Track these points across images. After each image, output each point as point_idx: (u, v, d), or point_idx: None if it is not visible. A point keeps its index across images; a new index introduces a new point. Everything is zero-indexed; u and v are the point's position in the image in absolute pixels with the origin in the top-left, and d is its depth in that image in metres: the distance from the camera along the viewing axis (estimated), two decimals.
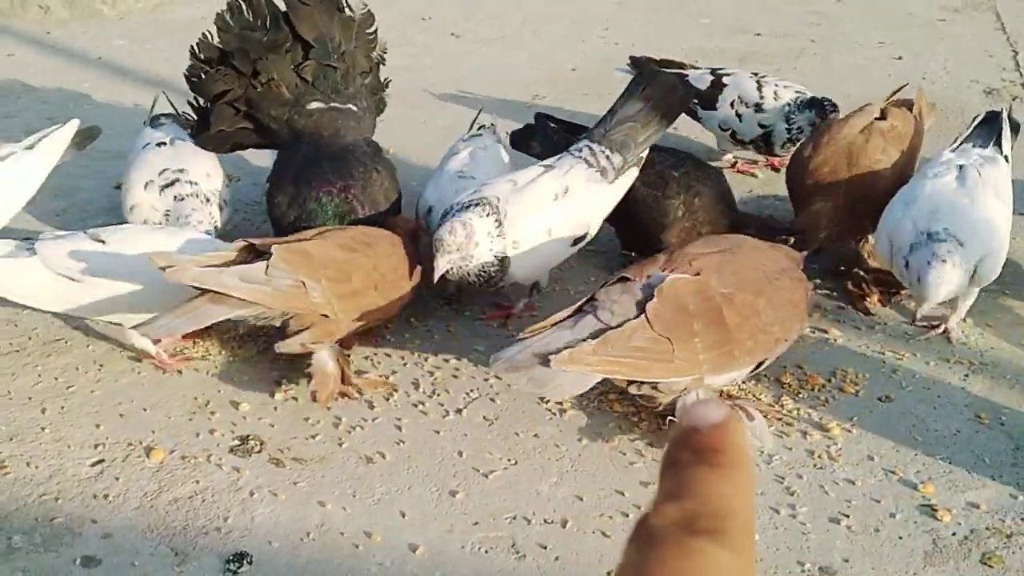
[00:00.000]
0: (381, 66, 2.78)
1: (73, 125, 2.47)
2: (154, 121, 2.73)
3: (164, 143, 2.56)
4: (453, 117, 3.45)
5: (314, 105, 2.58)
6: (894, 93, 2.70)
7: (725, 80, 2.92)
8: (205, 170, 2.50)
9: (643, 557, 0.38)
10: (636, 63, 3.09)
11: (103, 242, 2.06)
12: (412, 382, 2.12)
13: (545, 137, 2.63)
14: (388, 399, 2.07)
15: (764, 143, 2.87)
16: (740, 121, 2.87)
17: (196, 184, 2.44)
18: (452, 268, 2.11)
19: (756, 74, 2.95)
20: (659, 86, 2.37)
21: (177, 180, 2.43)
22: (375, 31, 2.72)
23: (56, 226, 2.77)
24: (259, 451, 1.94)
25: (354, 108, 2.61)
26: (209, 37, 2.60)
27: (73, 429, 1.99)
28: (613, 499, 1.80)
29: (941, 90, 3.62)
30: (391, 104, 2.87)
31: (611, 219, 2.39)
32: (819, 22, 4.49)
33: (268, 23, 2.59)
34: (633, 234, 2.52)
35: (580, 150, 2.30)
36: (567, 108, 3.50)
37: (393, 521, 1.76)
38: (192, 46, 2.60)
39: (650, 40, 4.20)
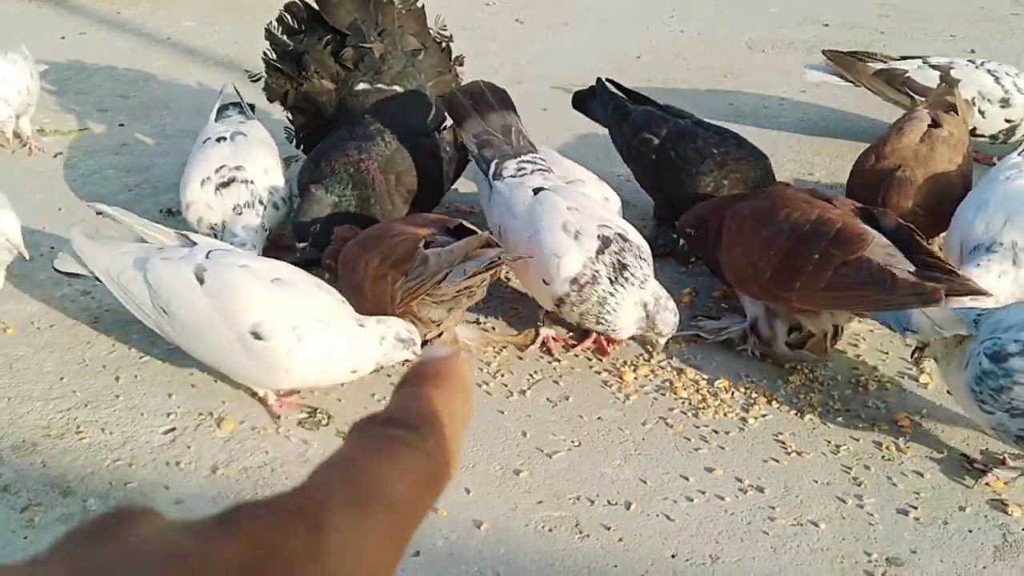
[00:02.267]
0: (448, 43, 2.81)
1: None
2: (220, 112, 2.72)
3: (224, 138, 2.51)
4: (517, 102, 3.45)
5: (360, 86, 2.68)
6: (934, 95, 2.69)
7: (955, 74, 2.88)
8: (264, 166, 2.45)
9: (346, 442, 0.45)
10: (836, 58, 3.03)
11: (201, 281, 1.94)
12: (476, 362, 2.14)
13: (603, 102, 2.67)
14: None
15: (1005, 137, 2.86)
16: (983, 118, 2.85)
17: (253, 183, 2.39)
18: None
19: (973, 62, 2.92)
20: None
21: (234, 178, 2.39)
22: (422, 7, 2.76)
23: (128, 201, 2.83)
24: (326, 424, 1.97)
25: (399, 89, 2.67)
26: (276, 29, 2.76)
27: (146, 398, 2.04)
28: (677, 483, 1.80)
29: None
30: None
31: (649, 188, 2.46)
32: (888, 13, 4.41)
33: (307, 24, 2.73)
34: (662, 204, 2.54)
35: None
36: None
37: (458, 497, 1.78)
38: (262, 58, 2.77)
39: (716, 29, 4.16)
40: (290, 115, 2.80)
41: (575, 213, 2.06)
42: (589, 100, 2.76)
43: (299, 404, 2.01)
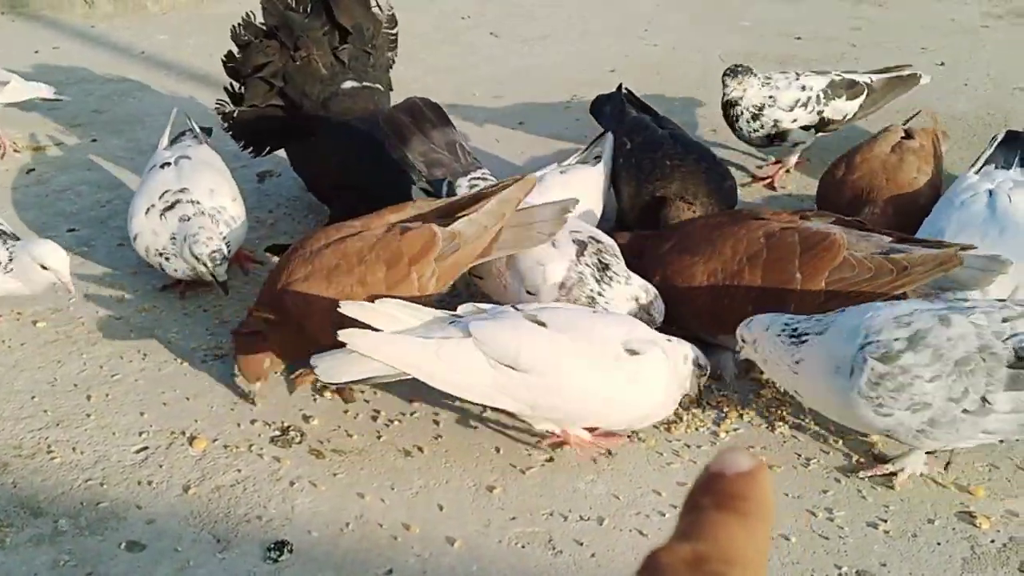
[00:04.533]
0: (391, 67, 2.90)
1: None
2: (174, 140, 2.67)
3: (168, 163, 2.46)
4: (493, 116, 3.47)
5: (348, 84, 2.71)
6: (909, 119, 2.75)
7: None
8: (208, 186, 2.39)
9: None
10: None
11: (543, 324, 1.79)
12: None
13: (612, 108, 2.77)
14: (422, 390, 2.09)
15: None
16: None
17: (198, 203, 2.33)
18: None
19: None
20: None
21: (178, 201, 2.33)
22: (396, 34, 2.86)
23: (100, 217, 2.82)
24: (299, 442, 1.97)
25: (380, 87, 2.77)
26: (252, 17, 2.73)
27: (118, 416, 2.03)
28: (650, 498, 1.81)
29: (984, 97, 3.58)
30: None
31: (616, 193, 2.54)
32: (861, 27, 4.45)
33: (309, 9, 2.76)
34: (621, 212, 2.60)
35: None
36: None
37: (431, 514, 1.78)
38: (235, 24, 2.73)
39: (690, 43, 4.19)
40: (244, 85, 2.72)
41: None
42: (604, 105, 2.83)
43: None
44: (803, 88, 2.85)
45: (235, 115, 2.72)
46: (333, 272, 1.97)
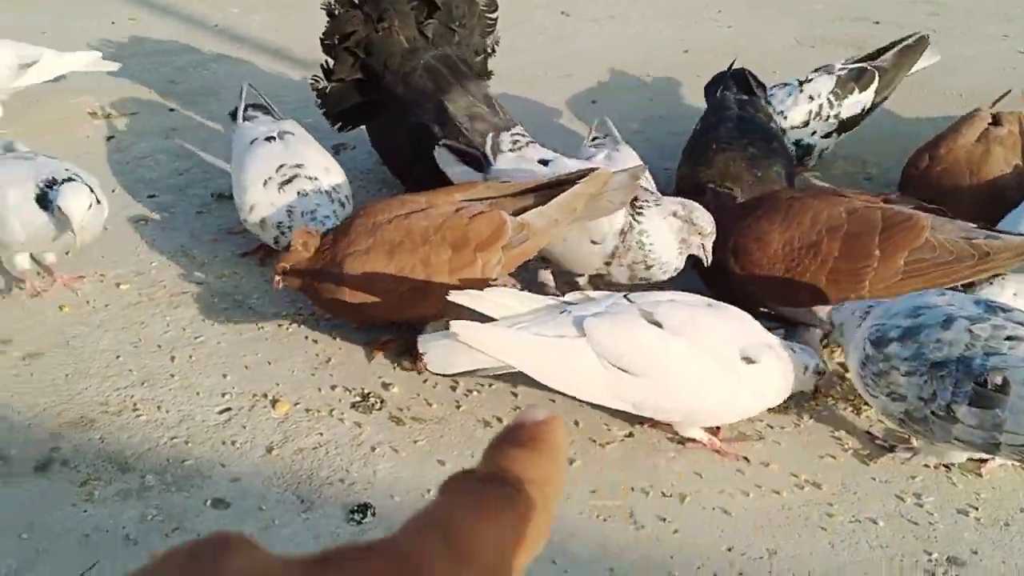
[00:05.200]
0: (491, 55, 2.84)
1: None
2: (245, 113, 2.65)
3: (273, 138, 2.45)
4: (563, 97, 3.46)
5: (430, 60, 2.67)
6: (997, 100, 2.65)
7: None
8: (323, 164, 2.40)
9: (442, 495, 0.45)
10: None
11: (659, 324, 1.74)
12: None
13: (716, 87, 2.73)
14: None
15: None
16: None
17: (316, 179, 2.33)
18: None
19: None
20: None
21: (296, 176, 2.32)
22: (494, 19, 2.80)
23: (179, 185, 2.85)
24: (379, 408, 1.98)
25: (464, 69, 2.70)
26: None
27: (201, 378, 2.06)
28: (733, 478, 1.79)
29: None
30: (502, 84, 2.91)
31: None
32: (939, 12, 4.36)
33: None
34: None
35: None
36: (679, 91, 3.47)
37: None
38: None
39: (765, 25, 4.13)
40: (333, 58, 2.73)
41: None
42: (713, 85, 2.79)
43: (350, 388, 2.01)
44: (810, 98, 2.75)
45: (327, 91, 2.74)
46: (396, 249, 1.97)
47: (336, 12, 2.71)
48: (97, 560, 1.61)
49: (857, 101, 2.79)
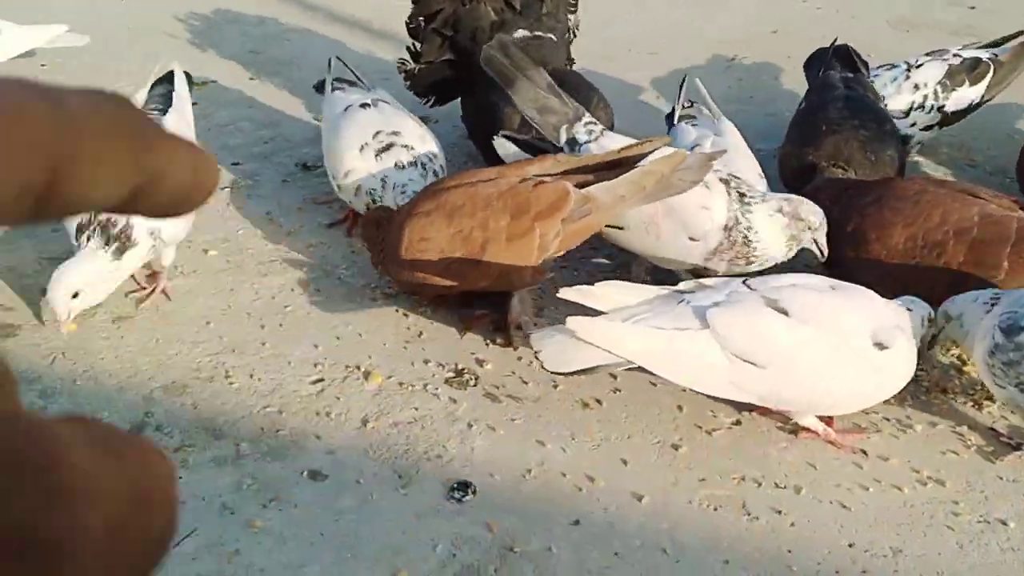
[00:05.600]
0: (574, 34, 2.79)
1: (180, 71, 2.40)
2: (333, 87, 2.58)
3: (368, 104, 2.40)
4: (647, 75, 3.37)
5: (519, 33, 2.62)
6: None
7: None
8: (419, 133, 2.34)
9: None
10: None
11: (785, 312, 1.65)
12: None
13: (819, 64, 2.63)
14: None
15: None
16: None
17: (413, 148, 2.27)
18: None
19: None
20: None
21: (393, 144, 2.26)
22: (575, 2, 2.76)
23: (264, 153, 2.82)
24: (474, 385, 1.92)
25: (553, 38, 2.65)
26: None
27: (292, 347, 2.01)
28: (849, 470, 1.71)
29: None
30: (584, 60, 2.84)
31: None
32: None
33: None
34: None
35: None
36: (770, 71, 3.37)
37: (615, 468, 1.72)
38: None
39: (855, 6, 3.99)
40: (421, 41, 2.71)
41: None
42: (814, 61, 2.69)
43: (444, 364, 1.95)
44: (915, 87, 2.59)
45: (415, 72, 2.71)
46: (457, 211, 1.93)
47: None
48: (195, 528, 1.58)
49: (965, 96, 2.62)
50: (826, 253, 1.98)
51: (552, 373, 1.73)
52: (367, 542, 1.56)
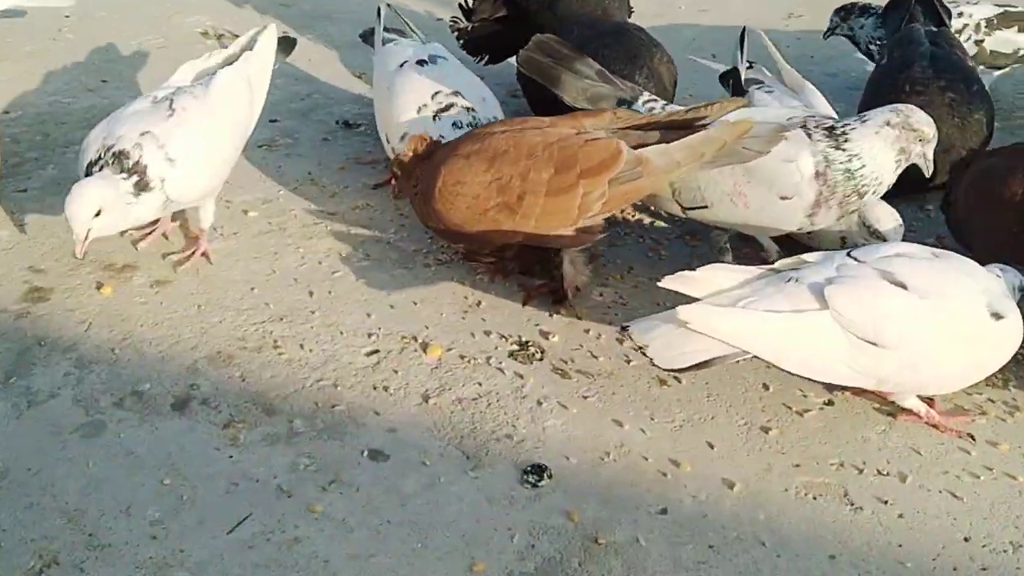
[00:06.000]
0: None
1: (272, 29, 2.20)
2: (384, 39, 2.42)
3: (425, 61, 2.24)
4: (703, 32, 3.20)
5: None
6: None
7: None
8: (479, 94, 2.19)
9: None
10: None
11: (903, 286, 1.51)
12: None
13: (900, 12, 2.49)
14: None
15: None
16: None
17: (474, 111, 2.11)
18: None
19: None
20: None
21: (453, 104, 2.11)
22: None
23: (302, 110, 2.67)
24: (540, 359, 1.79)
25: None
26: None
27: (343, 316, 1.88)
28: (956, 456, 1.57)
29: None
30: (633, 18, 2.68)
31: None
32: None
33: None
34: None
35: None
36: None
37: (701, 451, 1.58)
38: None
39: None
40: (473, 8, 2.63)
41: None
42: (894, 9, 2.56)
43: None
44: (959, 15, 2.55)
45: (469, 30, 2.60)
46: (499, 157, 1.79)
47: None
48: (250, 512, 1.45)
49: (1010, 39, 2.55)
50: (932, 168, 1.82)
51: (665, 371, 1.58)
52: (438, 531, 1.44)
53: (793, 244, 1.99)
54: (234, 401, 1.66)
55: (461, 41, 2.63)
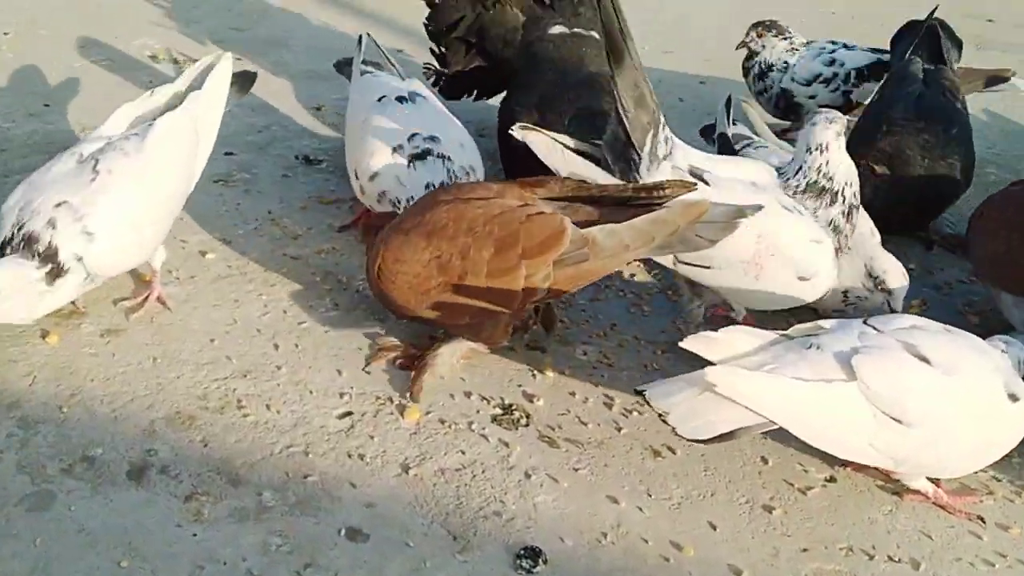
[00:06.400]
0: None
1: (228, 61, 2.00)
2: (362, 70, 2.30)
3: (404, 99, 2.12)
4: (664, 74, 3.16)
5: (556, 30, 2.43)
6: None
7: None
8: (458, 139, 2.06)
9: None
10: None
11: (927, 361, 1.44)
12: (691, 363, 1.84)
13: (905, 44, 2.50)
14: None
15: None
16: None
17: (450, 160, 1.97)
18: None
19: None
20: None
21: (430, 152, 1.97)
22: None
23: (258, 143, 2.53)
24: (526, 424, 1.68)
25: (596, 36, 2.39)
26: None
27: (312, 372, 1.75)
28: (968, 541, 1.51)
29: None
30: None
31: None
32: None
33: None
34: None
35: None
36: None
37: (703, 533, 1.49)
38: None
39: (874, 15, 3.83)
40: (444, 48, 2.53)
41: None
42: (902, 38, 2.55)
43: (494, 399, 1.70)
44: (831, 63, 2.60)
45: (443, 79, 2.52)
46: (438, 232, 1.65)
47: (436, 2, 2.48)
48: None
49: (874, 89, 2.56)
50: None
51: (690, 441, 1.47)
52: None
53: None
54: (196, 469, 1.51)
55: (437, 88, 2.53)
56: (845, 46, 2.65)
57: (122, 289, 1.89)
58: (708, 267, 1.75)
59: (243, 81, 2.10)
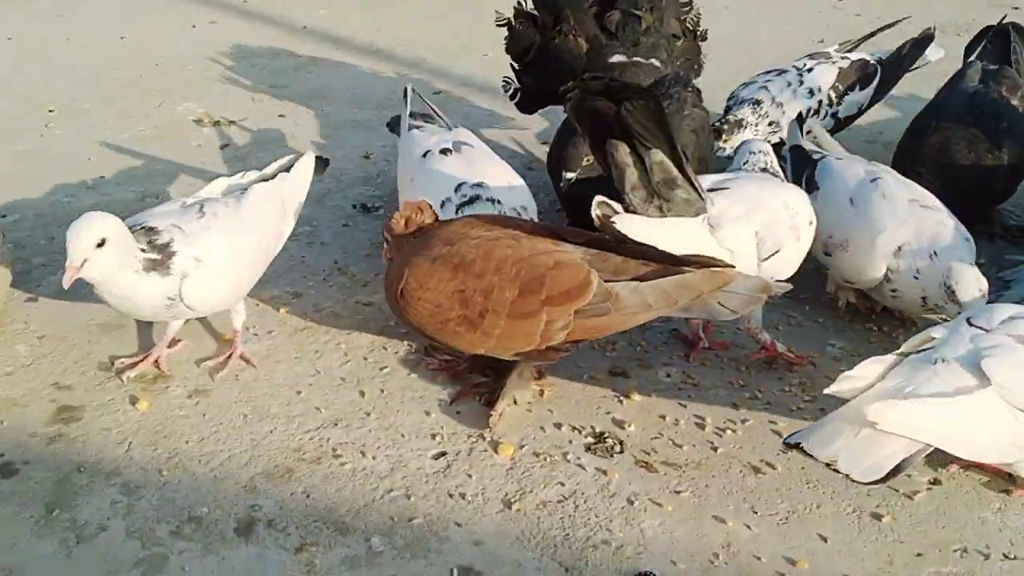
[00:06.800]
0: (698, 34, 2.65)
1: (310, 158, 2.09)
2: (410, 125, 2.32)
3: (449, 150, 2.14)
4: None
5: (616, 58, 2.46)
6: None
7: None
8: (506, 180, 2.07)
9: None
10: None
11: None
12: (778, 378, 1.84)
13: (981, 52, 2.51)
14: (755, 398, 1.79)
15: None
16: None
17: (499, 203, 1.98)
18: None
19: None
20: None
21: (478, 197, 1.98)
22: (689, 2, 2.63)
23: (316, 194, 2.56)
24: (620, 451, 1.68)
25: (656, 63, 2.46)
26: (523, 3, 2.62)
27: (401, 416, 1.76)
28: None
29: None
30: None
31: None
32: None
33: None
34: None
35: None
36: None
37: (815, 546, 1.48)
38: (514, 6, 2.63)
39: (891, 15, 3.83)
40: (521, 72, 2.64)
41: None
42: (980, 39, 2.55)
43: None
44: (811, 93, 2.53)
45: (518, 95, 2.63)
46: (465, 267, 1.66)
47: (513, 27, 2.59)
48: None
49: (855, 100, 2.60)
50: None
51: (866, 485, 1.44)
52: None
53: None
54: (302, 521, 1.52)
55: (514, 102, 2.67)
56: (798, 69, 2.58)
57: (203, 350, 1.92)
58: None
59: (320, 165, 2.15)
